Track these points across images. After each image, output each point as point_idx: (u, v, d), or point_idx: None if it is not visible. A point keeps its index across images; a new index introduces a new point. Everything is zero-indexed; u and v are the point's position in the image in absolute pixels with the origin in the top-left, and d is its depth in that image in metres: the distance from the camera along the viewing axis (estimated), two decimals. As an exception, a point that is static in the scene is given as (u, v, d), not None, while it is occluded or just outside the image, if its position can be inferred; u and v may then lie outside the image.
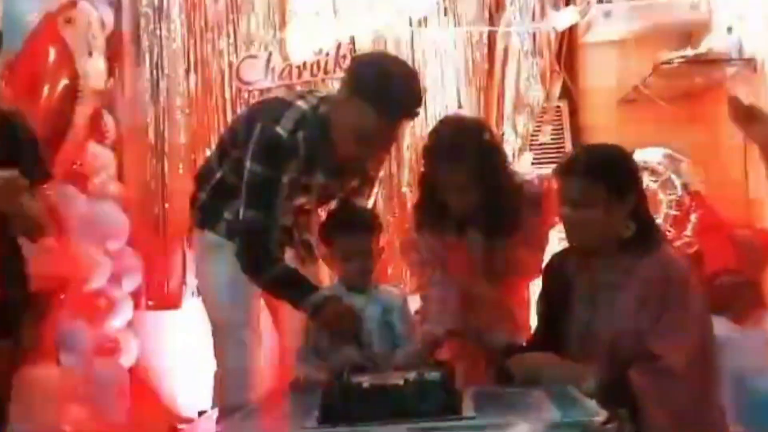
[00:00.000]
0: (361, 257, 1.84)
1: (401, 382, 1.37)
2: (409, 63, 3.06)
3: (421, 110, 1.96)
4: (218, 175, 2.02)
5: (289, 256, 2.06)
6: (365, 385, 1.38)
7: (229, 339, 2.03)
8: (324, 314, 1.82)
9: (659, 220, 2.47)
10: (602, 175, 1.60)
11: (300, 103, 1.93)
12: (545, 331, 1.76)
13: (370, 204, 2.18)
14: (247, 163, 1.89)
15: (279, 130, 1.86)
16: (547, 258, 1.90)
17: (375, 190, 2.21)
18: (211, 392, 2.07)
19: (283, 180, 1.88)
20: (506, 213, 1.92)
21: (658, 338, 1.53)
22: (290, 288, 1.90)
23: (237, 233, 1.92)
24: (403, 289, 2.53)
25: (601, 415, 1.24)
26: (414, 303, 2.08)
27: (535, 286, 2.12)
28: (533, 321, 2.07)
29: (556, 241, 2.06)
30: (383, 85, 1.82)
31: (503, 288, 2.02)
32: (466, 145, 1.88)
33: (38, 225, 1.70)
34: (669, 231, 2.55)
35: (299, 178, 1.91)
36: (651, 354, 1.53)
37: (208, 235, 2.05)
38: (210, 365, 2.27)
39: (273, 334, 2.17)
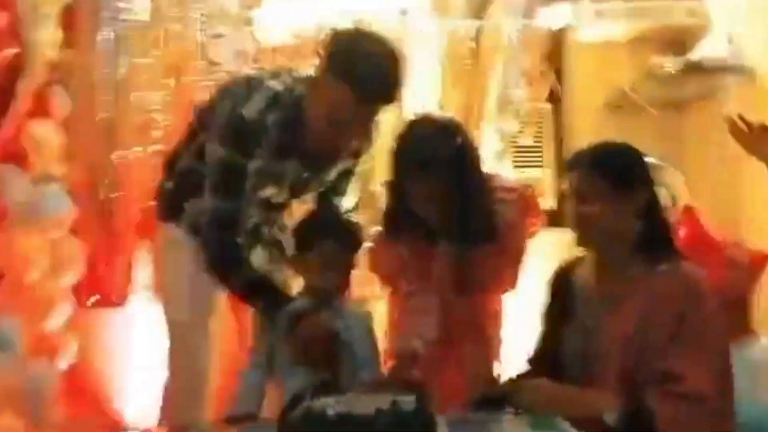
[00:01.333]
0: (340, 271, 1.69)
1: (372, 412, 1.20)
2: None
3: (401, 95, 1.79)
4: (185, 162, 1.86)
5: (258, 257, 1.89)
6: (330, 413, 1.21)
7: (183, 344, 1.88)
8: (301, 332, 1.63)
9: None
10: (606, 167, 1.56)
11: (272, 83, 1.77)
12: (547, 348, 1.64)
13: (348, 202, 1.99)
14: (212, 147, 1.74)
15: (246, 111, 1.71)
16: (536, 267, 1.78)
17: (352, 185, 2.00)
18: (159, 405, 1.90)
19: (249, 167, 1.72)
20: (479, 222, 1.81)
21: (679, 357, 1.41)
22: (260, 295, 1.73)
23: (202, 225, 1.76)
24: (366, 304, 2.36)
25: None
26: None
27: (509, 300, 2.00)
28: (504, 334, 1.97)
29: (562, 249, 1.93)
30: (359, 62, 1.66)
31: (476, 300, 1.90)
32: (434, 153, 1.75)
33: None
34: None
35: (268, 166, 1.76)
36: (672, 374, 1.40)
37: (170, 228, 1.89)
38: (155, 369, 2.07)
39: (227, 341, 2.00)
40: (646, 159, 1.66)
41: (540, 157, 3.11)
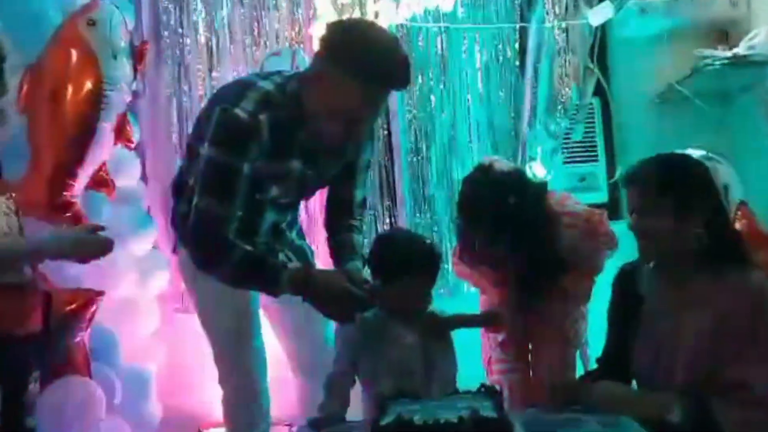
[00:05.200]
0: (421, 296, 1.73)
1: (455, 420, 1.32)
2: (438, 59, 3.01)
3: (410, 78, 1.73)
4: (191, 182, 1.77)
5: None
6: (417, 421, 1.33)
7: (231, 363, 1.91)
8: (314, 292, 1.67)
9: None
10: (667, 184, 1.55)
11: (263, 83, 1.73)
12: (618, 347, 1.69)
13: (360, 195, 1.92)
14: (204, 149, 1.68)
15: (238, 111, 1.66)
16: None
17: (362, 178, 1.91)
18: (223, 419, 1.98)
19: (243, 168, 1.67)
20: (541, 272, 1.92)
21: (748, 366, 1.45)
22: (258, 272, 1.69)
23: (189, 224, 1.71)
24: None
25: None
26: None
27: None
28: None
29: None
30: (366, 50, 1.61)
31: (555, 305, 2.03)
32: (489, 214, 1.85)
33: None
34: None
35: (267, 166, 1.71)
36: (741, 383, 1.45)
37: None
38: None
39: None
40: (707, 165, 1.66)
41: (592, 151, 3.17)
